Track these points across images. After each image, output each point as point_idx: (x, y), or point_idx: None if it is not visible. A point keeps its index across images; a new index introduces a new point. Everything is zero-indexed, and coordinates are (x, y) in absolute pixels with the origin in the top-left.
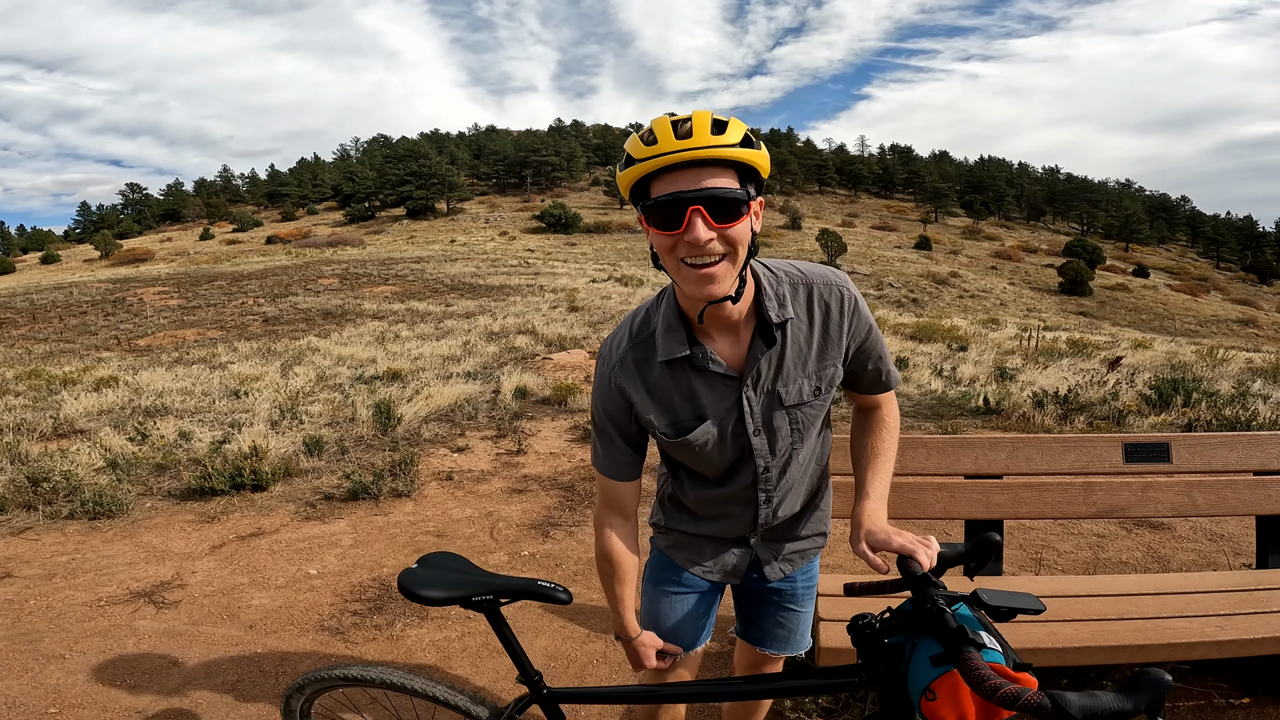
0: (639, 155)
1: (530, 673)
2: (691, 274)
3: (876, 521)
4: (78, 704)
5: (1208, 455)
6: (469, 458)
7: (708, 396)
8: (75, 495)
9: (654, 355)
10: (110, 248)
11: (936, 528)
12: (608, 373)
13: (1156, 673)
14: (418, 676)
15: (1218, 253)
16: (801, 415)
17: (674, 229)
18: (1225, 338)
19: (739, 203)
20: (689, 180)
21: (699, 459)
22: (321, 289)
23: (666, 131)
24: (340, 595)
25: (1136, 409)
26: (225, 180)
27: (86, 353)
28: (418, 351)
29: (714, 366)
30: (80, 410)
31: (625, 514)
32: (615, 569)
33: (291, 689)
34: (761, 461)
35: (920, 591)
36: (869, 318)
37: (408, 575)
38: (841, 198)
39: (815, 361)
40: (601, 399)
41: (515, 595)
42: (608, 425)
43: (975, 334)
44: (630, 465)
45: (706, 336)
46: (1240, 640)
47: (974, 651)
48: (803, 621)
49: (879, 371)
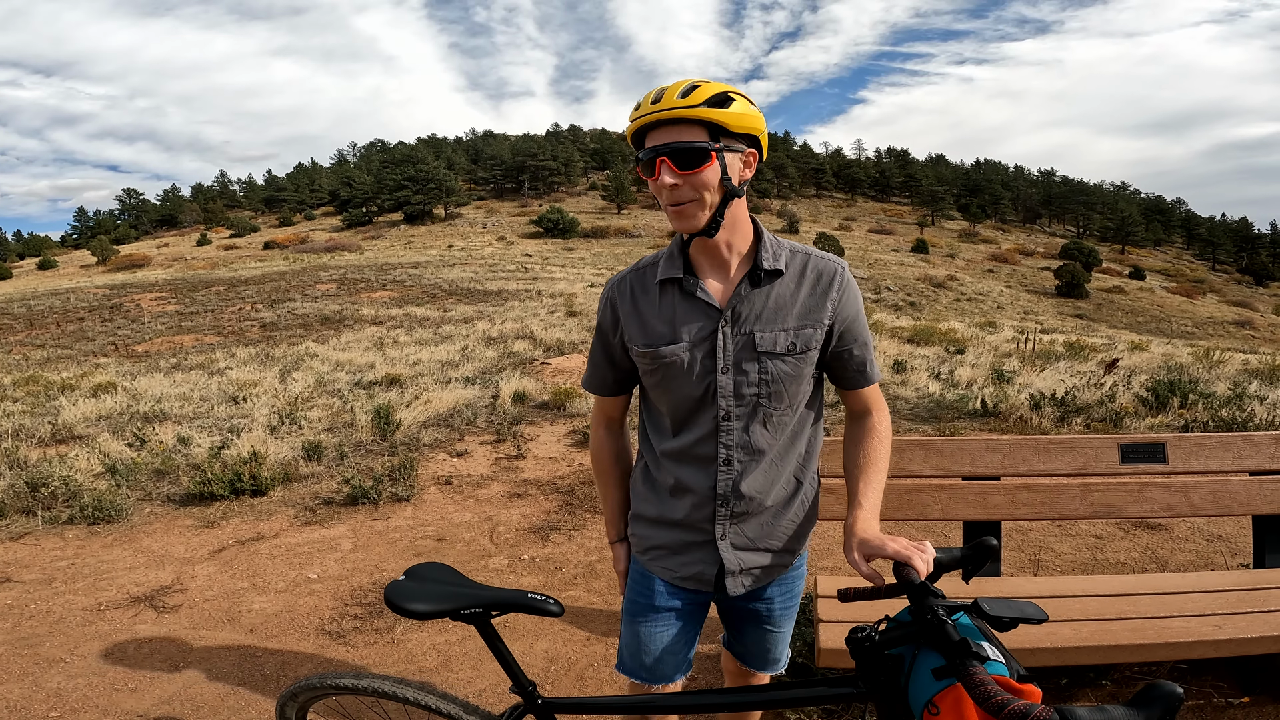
0: (630, 118)
1: (524, 682)
2: (670, 211)
3: (869, 529)
4: (78, 708)
5: (1203, 456)
6: (468, 462)
7: (688, 321)
8: (74, 500)
9: (651, 281)
10: (107, 253)
11: (935, 529)
12: (606, 293)
13: (1168, 686)
14: (410, 685)
15: (1213, 255)
16: (772, 367)
17: (651, 176)
18: (1221, 339)
19: (701, 152)
20: (663, 136)
21: (666, 383)
22: (319, 294)
23: (648, 97)
24: (340, 599)
25: (1133, 411)
26: (222, 185)
27: (84, 359)
28: (416, 357)
29: (700, 294)
30: (78, 416)
31: (612, 425)
32: (603, 470)
33: (285, 696)
34: (724, 404)
35: (919, 600)
36: (859, 302)
37: (394, 588)
38: (838, 201)
39: (796, 319)
40: (598, 319)
41: (505, 608)
42: (597, 342)
43: (972, 337)
44: (614, 383)
45: (702, 273)
46: (1238, 639)
47: (978, 665)
48: (780, 642)
49: (863, 360)
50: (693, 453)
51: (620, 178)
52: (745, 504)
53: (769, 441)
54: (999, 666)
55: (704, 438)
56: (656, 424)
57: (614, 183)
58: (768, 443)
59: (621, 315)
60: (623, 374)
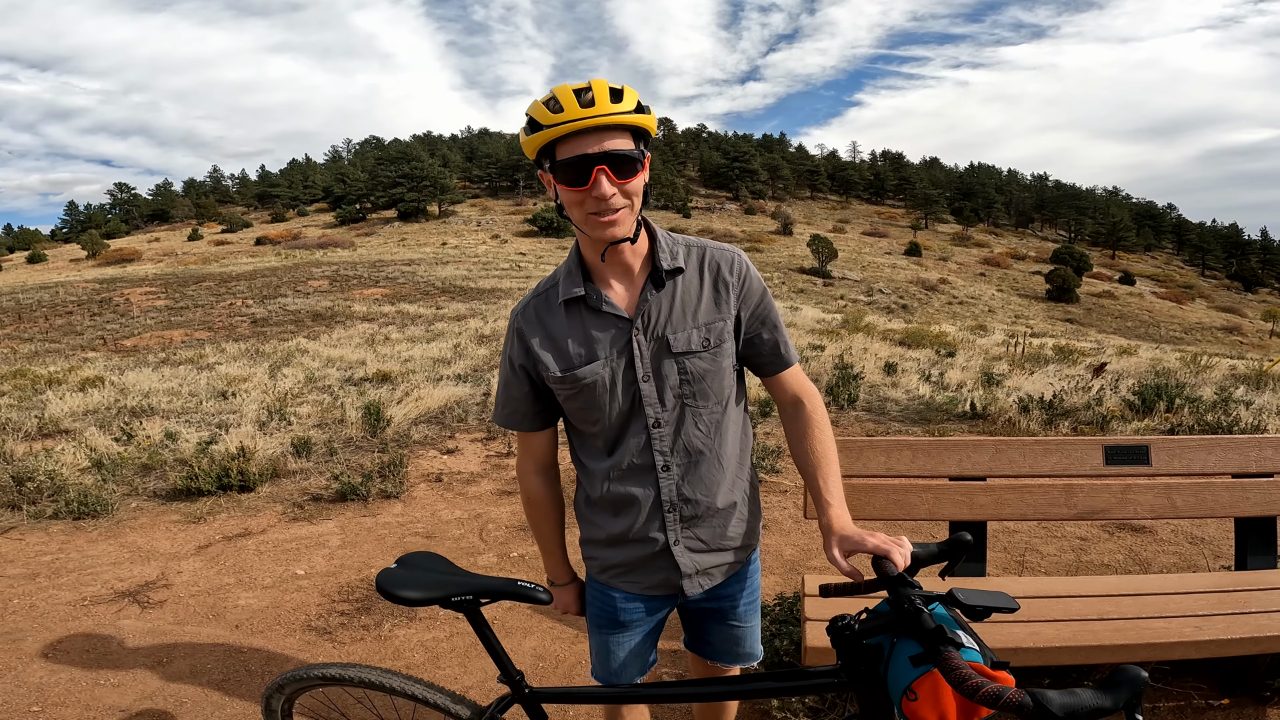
0: (546, 122)
1: (512, 672)
2: (597, 221)
3: (845, 526)
4: (60, 703)
5: (1187, 458)
6: (459, 460)
7: (600, 337)
8: (60, 495)
9: (555, 303)
10: (97, 248)
11: (922, 529)
12: (512, 324)
13: (1134, 670)
14: (397, 675)
15: (1203, 260)
16: (691, 366)
17: (581, 185)
18: (1209, 345)
19: (635, 160)
20: (592, 143)
21: (590, 408)
22: (311, 291)
23: (571, 100)
24: (328, 596)
25: (1120, 414)
26: (215, 181)
27: (72, 353)
28: (408, 354)
29: (607, 307)
30: (65, 410)
31: (539, 462)
32: (543, 515)
33: (271, 689)
34: (651, 412)
35: (896, 591)
36: (760, 285)
37: (386, 575)
38: (833, 203)
39: (705, 314)
40: (506, 350)
41: (495, 595)
42: (509, 376)
43: (963, 340)
44: (529, 417)
45: (604, 284)
46: (1218, 640)
47: (954, 651)
48: (749, 636)
49: (775, 342)
50: (630, 466)
51: None
52: (693, 507)
53: (704, 441)
54: (974, 654)
55: (639, 449)
56: (588, 447)
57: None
58: (702, 442)
59: (533, 344)
60: (543, 406)
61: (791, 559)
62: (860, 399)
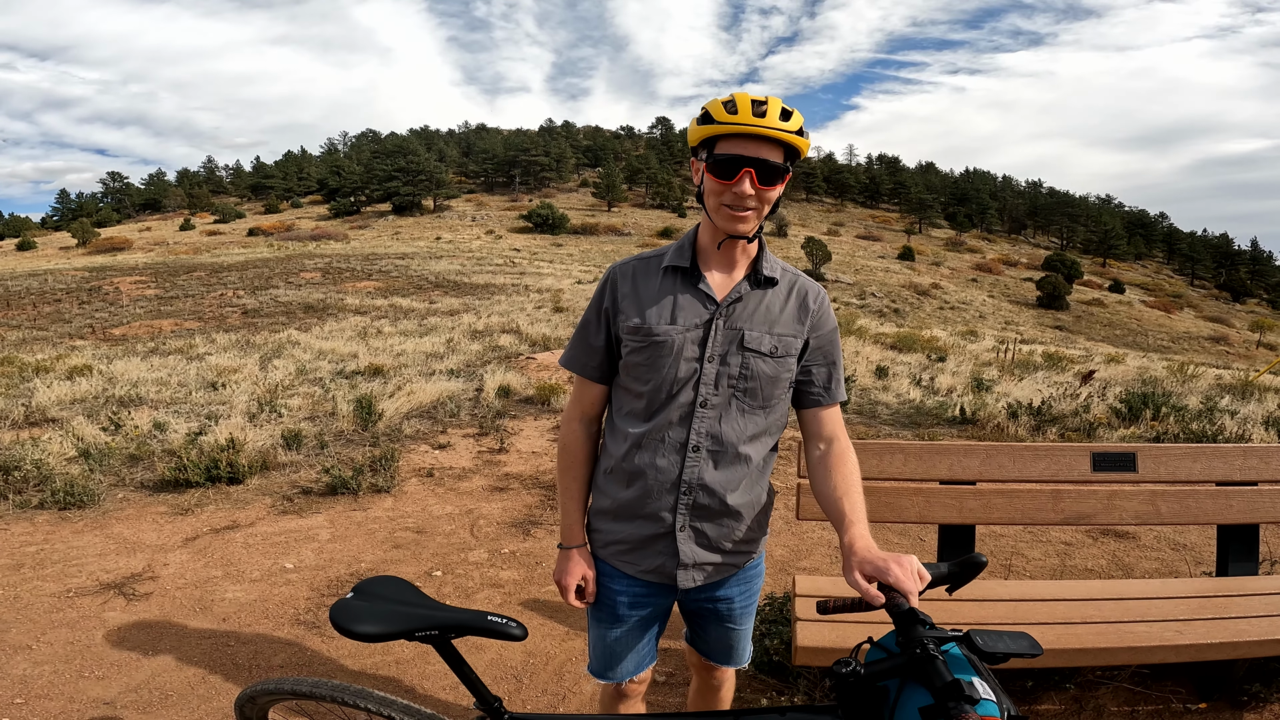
0: (719, 118)
1: (489, 699)
2: (729, 214)
3: (868, 549)
4: (44, 695)
5: (1172, 466)
6: (450, 455)
7: (686, 307)
8: (45, 485)
9: (655, 267)
10: (88, 236)
11: (911, 531)
12: (607, 275)
13: None
14: (373, 694)
15: (1193, 270)
16: (754, 364)
17: (728, 180)
18: (1197, 354)
19: (780, 172)
20: (750, 148)
21: (650, 367)
22: (303, 283)
23: (746, 108)
24: (316, 590)
25: (1107, 421)
26: (209, 171)
27: (60, 341)
28: (400, 348)
29: (703, 285)
30: (52, 399)
31: (586, 412)
32: (573, 464)
33: (242, 698)
34: (704, 391)
35: (907, 629)
36: (833, 321)
37: (341, 608)
38: (828, 206)
39: (782, 326)
40: (594, 298)
41: (461, 631)
42: (590, 319)
43: (954, 345)
44: (592, 367)
45: (708, 268)
46: (1197, 644)
47: (969, 710)
48: (742, 638)
49: (830, 376)
50: (664, 437)
51: (612, 175)
52: (707, 496)
53: (737, 435)
54: (990, 706)
55: (677, 422)
56: (627, 409)
57: (605, 180)
58: (736, 436)
59: (620, 295)
60: (607, 359)
61: (782, 559)
62: (851, 402)
